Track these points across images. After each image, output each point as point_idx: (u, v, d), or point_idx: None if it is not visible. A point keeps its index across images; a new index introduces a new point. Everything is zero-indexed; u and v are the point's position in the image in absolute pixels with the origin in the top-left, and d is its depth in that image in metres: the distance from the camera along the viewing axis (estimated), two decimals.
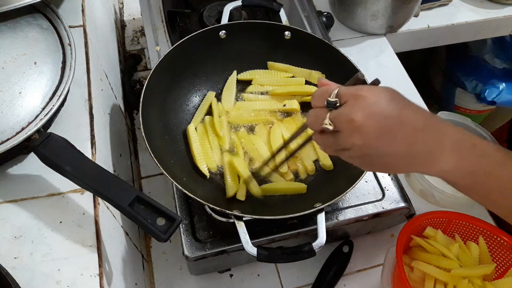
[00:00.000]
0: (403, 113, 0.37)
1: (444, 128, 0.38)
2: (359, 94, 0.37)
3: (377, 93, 0.37)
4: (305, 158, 0.66)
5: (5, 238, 0.44)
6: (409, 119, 0.37)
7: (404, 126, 0.36)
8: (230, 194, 0.61)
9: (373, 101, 0.36)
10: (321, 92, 0.40)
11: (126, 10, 1.07)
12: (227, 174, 0.63)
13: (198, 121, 0.69)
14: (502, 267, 0.63)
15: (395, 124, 0.36)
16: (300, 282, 0.69)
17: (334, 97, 0.38)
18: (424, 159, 0.38)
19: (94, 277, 0.43)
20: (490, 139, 0.76)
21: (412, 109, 0.38)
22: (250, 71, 0.74)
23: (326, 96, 0.39)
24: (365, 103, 0.36)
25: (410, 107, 0.38)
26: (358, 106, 0.36)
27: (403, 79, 0.95)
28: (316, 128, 0.40)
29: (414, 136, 0.37)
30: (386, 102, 0.37)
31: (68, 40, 0.52)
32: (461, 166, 0.38)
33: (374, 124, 0.36)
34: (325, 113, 0.39)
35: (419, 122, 0.37)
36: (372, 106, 0.36)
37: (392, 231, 0.74)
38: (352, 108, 0.37)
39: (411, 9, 0.96)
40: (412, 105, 0.38)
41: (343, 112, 0.37)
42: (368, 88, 0.37)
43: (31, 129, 0.44)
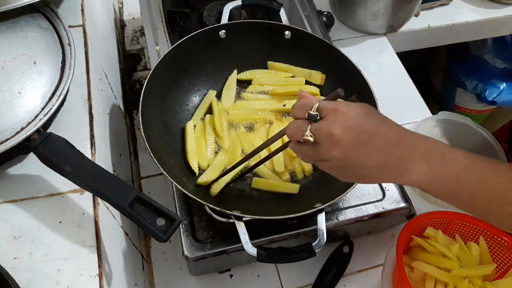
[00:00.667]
0: (378, 128, 0.40)
1: (415, 140, 0.41)
2: (338, 109, 0.40)
3: (355, 109, 0.40)
4: None
5: (4, 238, 0.44)
6: (385, 133, 0.40)
7: (380, 139, 0.40)
8: (200, 182, 0.61)
9: (351, 117, 0.39)
10: (302, 104, 0.42)
11: (125, 10, 1.07)
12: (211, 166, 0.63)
13: (198, 119, 0.69)
14: (502, 267, 0.63)
15: (371, 138, 0.39)
16: (300, 282, 0.69)
17: (315, 111, 0.41)
18: (398, 170, 0.41)
19: (94, 277, 0.43)
20: (491, 139, 0.76)
21: (387, 124, 0.41)
22: (250, 71, 0.74)
23: (307, 109, 0.41)
24: (344, 118, 0.39)
25: (385, 122, 0.41)
26: (338, 120, 0.39)
27: (403, 79, 0.95)
28: (296, 138, 0.43)
29: (389, 148, 0.40)
30: (363, 117, 0.40)
31: (67, 40, 0.52)
32: (430, 174, 0.41)
33: (352, 138, 0.39)
34: (306, 125, 0.41)
35: (393, 136, 0.40)
36: (350, 121, 0.39)
37: (392, 231, 0.74)
38: (332, 122, 0.39)
39: (411, 8, 0.96)
40: (387, 120, 0.42)
41: (323, 126, 0.40)
42: (346, 104, 0.40)
43: (30, 129, 0.44)
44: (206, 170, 0.62)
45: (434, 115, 0.82)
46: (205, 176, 0.62)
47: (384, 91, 0.70)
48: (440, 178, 0.41)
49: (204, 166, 0.64)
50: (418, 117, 0.81)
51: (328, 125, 0.39)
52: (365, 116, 0.40)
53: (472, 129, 0.79)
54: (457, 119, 0.80)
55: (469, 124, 0.79)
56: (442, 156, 0.40)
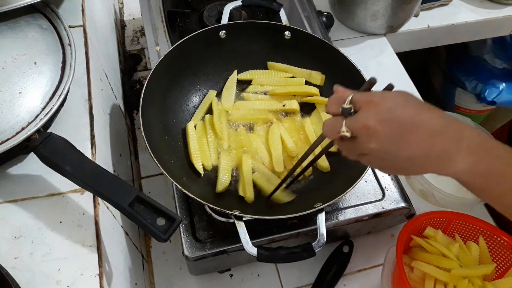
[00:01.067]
0: (417, 117, 0.37)
1: (461, 130, 0.39)
2: (372, 100, 0.38)
3: (390, 98, 0.38)
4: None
5: (5, 238, 0.44)
6: (424, 123, 0.37)
7: (419, 130, 0.37)
8: (219, 189, 0.61)
9: (386, 107, 0.37)
10: (335, 99, 0.40)
11: (126, 10, 1.07)
12: (220, 170, 0.63)
13: (198, 119, 0.69)
14: (502, 267, 0.63)
15: (410, 128, 0.37)
16: (300, 282, 0.69)
17: (348, 104, 0.39)
18: (441, 161, 0.39)
19: (94, 277, 0.43)
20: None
21: (428, 113, 0.38)
22: (250, 71, 0.74)
23: (340, 103, 0.39)
24: (378, 109, 0.37)
25: (425, 111, 0.38)
26: (372, 112, 0.37)
27: (403, 79, 0.95)
28: (333, 136, 0.41)
29: (430, 140, 0.37)
30: (400, 107, 0.37)
31: (68, 40, 0.52)
32: (477, 168, 0.38)
33: (389, 129, 0.37)
34: (341, 120, 0.39)
35: (435, 125, 0.38)
36: (385, 112, 0.37)
37: (392, 231, 0.74)
38: (366, 114, 0.38)
39: (411, 9, 0.96)
40: (427, 108, 0.39)
41: (358, 119, 0.38)
42: (381, 94, 0.38)
43: (31, 129, 0.44)
44: (219, 176, 0.62)
45: None
46: (222, 183, 0.61)
47: None
48: (485, 172, 0.39)
49: (209, 167, 0.64)
50: None
51: (363, 118, 0.38)
52: (403, 105, 0.38)
53: None
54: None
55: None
56: (491, 150, 0.38)
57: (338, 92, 0.42)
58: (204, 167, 0.64)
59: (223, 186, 0.61)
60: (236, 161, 0.65)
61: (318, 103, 0.71)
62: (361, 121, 0.38)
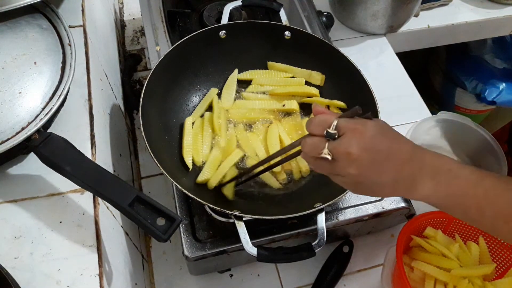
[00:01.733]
0: (392, 146, 0.41)
1: (424, 157, 0.42)
2: (356, 128, 0.40)
3: (372, 127, 0.41)
4: (300, 159, 0.66)
5: (5, 238, 0.44)
6: (397, 151, 0.41)
7: (393, 157, 0.41)
8: (199, 180, 0.61)
9: (368, 135, 0.40)
10: (320, 121, 0.42)
11: (126, 10, 1.07)
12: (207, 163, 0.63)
13: (198, 116, 0.69)
14: (502, 267, 0.63)
15: (386, 157, 0.41)
16: (300, 282, 0.69)
17: (333, 129, 0.41)
18: (408, 186, 0.42)
19: (94, 277, 0.43)
20: (490, 139, 0.76)
21: (400, 142, 0.42)
22: (250, 71, 0.74)
23: (325, 126, 0.41)
24: (362, 137, 0.40)
25: (398, 140, 0.42)
26: (356, 139, 0.40)
27: (403, 79, 0.95)
28: (314, 155, 0.43)
29: (401, 166, 0.41)
30: (380, 136, 0.41)
31: (68, 40, 0.52)
32: (438, 190, 0.42)
33: (369, 157, 0.40)
34: (324, 142, 0.42)
35: (405, 154, 0.41)
36: (367, 140, 0.40)
37: (392, 231, 0.74)
38: (350, 141, 0.40)
39: (411, 9, 0.96)
40: (400, 138, 0.43)
41: (341, 144, 0.41)
42: (364, 123, 0.41)
43: (31, 129, 0.44)
44: (204, 168, 0.63)
45: (434, 115, 0.82)
46: (204, 175, 0.62)
47: (384, 91, 0.70)
48: (447, 194, 0.42)
49: (199, 162, 0.64)
50: (418, 117, 0.81)
51: (346, 143, 0.40)
52: (381, 133, 0.41)
53: (472, 129, 0.79)
54: (456, 119, 0.80)
55: (469, 124, 0.79)
56: (449, 172, 0.41)
57: (319, 112, 0.44)
58: (195, 162, 0.64)
59: (203, 178, 0.61)
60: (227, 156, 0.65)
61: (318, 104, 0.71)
62: (344, 147, 0.40)
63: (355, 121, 0.41)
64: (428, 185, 0.42)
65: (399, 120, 0.85)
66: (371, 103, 0.63)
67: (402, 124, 0.84)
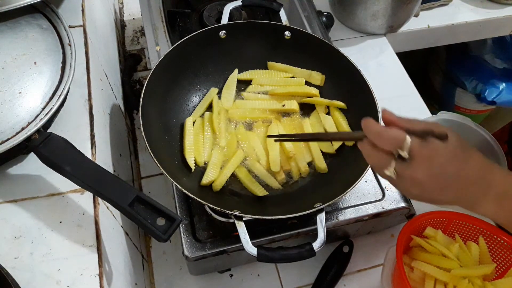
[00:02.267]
0: (461, 170, 0.40)
1: (492, 178, 0.42)
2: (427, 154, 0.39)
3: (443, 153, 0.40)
4: (300, 159, 0.66)
5: (5, 238, 0.44)
6: (465, 174, 0.41)
7: (460, 181, 0.41)
8: (203, 183, 0.61)
9: (437, 163, 0.39)
10: (391, 138, 0.40)
11: (126, 10, 1.07)
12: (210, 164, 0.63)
13: (198, 115, 0.69)
14: (502, 267, 0.63)
15: (452, 182, 0.41)
16: (300, 282, 0.69)
17: (407, 154, 0.40)
18: (469, 205, 0.43)
19: (94, 277, 0.43)
20: (490, 139, 0.76)
21: (469, 163, 0.41)
22: (250, 71, 0.74)
23: (396, 145, 0.40)
24: (430, 165, 0.40)
25: (468, 161, 0.41)
26: (424, 166, 0.40)
27: (403, 79, 0.95)
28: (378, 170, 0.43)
29: (465, 188, 0.41)
30: (449, 162, 0.40)
31: (68, 40, 0.52)
32: (500, 212, 0.43)
33: (434, 182, 0.40)
34: (391, 160, 0.41)
35: (473, 176, 0.41)
36: (435, 168, 0.40)
37: (392, 231, 0.74)
38: (417, 167, 0.40)
39: (411, 9, 0.96)
40: (470, 158, 0.41)
41: (409, 169, 0.40)
42: (436, 150, 0.39)
43: (31, 129, 0.44)
44: (207, 170, 0.62)
45: (434, 115, 0.82)
46: (208, 177, 0.62)
47: (384, 91, 0.70)
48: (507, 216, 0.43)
49: (201, 163, 0.64)
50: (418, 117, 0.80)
51: (414, 169, 0.40)
52: (451, 158, 0.40)
53: (472, 129, 0.79)
54: (457, 119, 0.80)
55: (469, 124, 0.79)
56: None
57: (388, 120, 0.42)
58: (196, 163, 0.64)
59: (208, 179, 0.61)
60: (229, 157, 0.65)
61: (318, 104, 0.71)
62: (412, 171, 0.40)
63: (426, 146, 0.39)
64: (491, 207, 0.42)
65: None
66: (371, 103, 0.63)
67: None
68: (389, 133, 0.41)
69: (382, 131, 0.41)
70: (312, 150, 0.66)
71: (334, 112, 0.69)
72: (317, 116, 0.70)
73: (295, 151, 0.66)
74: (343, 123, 0.67)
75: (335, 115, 0.69)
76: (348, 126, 0.67)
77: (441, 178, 0.40)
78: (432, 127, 0.40)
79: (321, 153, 0.66)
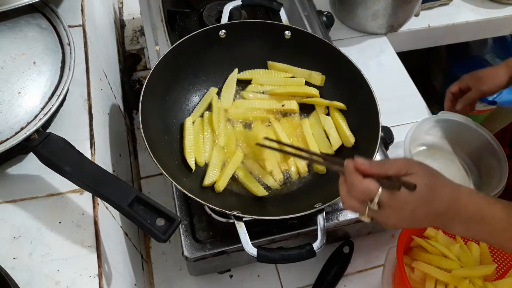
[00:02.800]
0: (430, 209, 0.43)
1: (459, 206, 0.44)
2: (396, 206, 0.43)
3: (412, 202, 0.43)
4: (298, 160, 0.66)
5: (4, 238, 0.44)
6: (434, 211, 0.44)
7: (429, 217, 0.44)
8: (206, 184, 0.61)
9: (407, 210, 0.43)
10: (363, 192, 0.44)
11: (125, 10, 1.07)
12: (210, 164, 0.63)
13: (197, 115, 0.69)
14: (503, 268, 0.63)
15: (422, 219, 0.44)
16: (300, 282, 0.69)
17: (375, 206, 0.43)
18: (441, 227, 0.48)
19: (94, 277, 0.43)
20: (491, 139, 0.76)
21: (439, 199, 0.43)
22: (250, 70, 0.74)
23: (367, 198, 0.43)
24: (400, 213, 0.43)
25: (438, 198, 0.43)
26: (394, 214, 0.43)
27: (403, 79, 0.95)
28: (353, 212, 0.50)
29: (435, 219, 0.45)
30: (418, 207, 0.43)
31: (67, 40, 0.52)
32: (468, 232, 0.48)
33: (406, 223, 0.45)
34: (364, 208, 0.44)
35: (442, 208, 0.44)
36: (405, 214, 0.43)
37: (392, 231, 0.74)
38: (388, 215, 0.44)
39: (411, 8, 0.96)
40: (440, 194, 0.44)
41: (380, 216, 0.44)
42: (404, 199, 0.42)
43: (30, 129, 0.44)
44: (208, 171, 0.62)
45: (434, 115, 0.82)
46: (210, 178, 0.61)
47: (384, 91, 0.70)
48: (475, 235, 0.48)
49: (201, 163, 0.64)
50: (418, 117, 0.81)
51: (384, 216, 0.44)
52: (420, 205, 0.43)
53: (472, 129, 0.78)
54: (457, 119, 0.79)
55: (469, 124, 0.79)
56: (481, 220, 0.44)
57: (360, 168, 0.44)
58: (197, 163, 0.63)
59: (210, 180, 0.61)
60: (229, 157, 0.65)
61: (318, 105, 0.71)
62: (383, 218, 0.44)
63: (395, 198, 0.42)
64: (459, 229, 0.45)
65: (399, 120, 0.85)
66: (371, 103, 0.63)
67: (403, 124, 0.84)
68: (362, 185, 0.43)
69: (354, 183, 0.44)
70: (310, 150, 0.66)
71: (334, 113, 0.69)
72: (317, 116, 0.70)
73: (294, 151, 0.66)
74: (342, 124, 0.67)
75: (335, 116, 0.69)
76: (348, 127, 0.67)
77: (411, 220, 0.44)
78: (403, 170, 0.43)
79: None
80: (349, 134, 0.66)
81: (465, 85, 0.78)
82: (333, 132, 0.68)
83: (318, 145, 0.67)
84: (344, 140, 0.67)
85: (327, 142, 0.68)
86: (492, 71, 0.76)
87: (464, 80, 0.79)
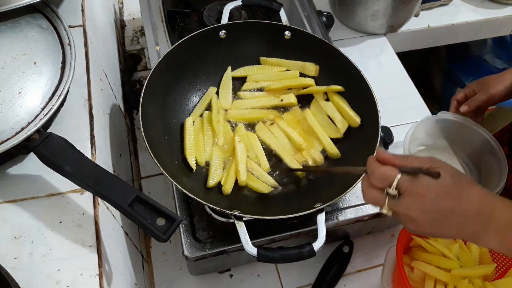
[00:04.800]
0: (457, 205, 0.40)
1: (493, 211, 0.41)
2: (417, 191, 0.40)
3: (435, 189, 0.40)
4: (313, 150, 0.66)
5: (5, 238, 0.44)
6: (462, 209, 0.40)
7: (457, 217, 0.40)
8: (210, 184, 0.61)
9: (430, 199, 0.39)
10: (382, 177, 0.41)
11: (126, 10, 1.07)
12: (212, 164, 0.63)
13: (197, 115, 0.69)
14: (502, 267, 0.63)
15: (448, 217, 0.40)
16: (300, 282, 0.69)
17: (394, 190, 0.40)
18: (470, 238, 0.43)
19: (94, 277, 0.43)
20: (491, 139, 0.76)
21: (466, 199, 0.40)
22: (244, 67, 0.73)
23: (386, 184, 0.41)
24: (422, 201, 0.40)
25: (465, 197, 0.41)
26: (415, 203, 0.40)
27: (403, 79, 0.95)
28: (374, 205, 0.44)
29: (464, 223, 0.41)
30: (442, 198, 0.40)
31: (68, 40, 0.52)
32: (503, 244, 0.42)
33: (428, 218, 0.40)
34: (384, 198, 0.41)
35: (471, 211, 0.40)
36: (428, 204, 0.40)
37: (392, 231, 0.74)
38: (410, 204, 0.40)
39: (411, 9, 0.96)
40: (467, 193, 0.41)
41: (401, 205, 0.41)
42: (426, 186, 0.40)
43: (30, 129, 0.44)
44: (210, 172, 0.62)
45: (434, 115, 0.82)
46: (213, 178, 0.61)
47: (384, 91, 0.70)
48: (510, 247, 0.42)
49: (202, 163, 0.64)
50: (418, 117, 0.81)
51: (406, 205, 0.40)
52: (445, 194, 0.40)
53: (472, 129, 0.79)
54: (457, 119, 0.79)
55: (469, 124, 0.79)
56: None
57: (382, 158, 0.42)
58: (198, 163, 0.64)
59: (214, 180, 0.61)
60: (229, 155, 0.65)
61: (316, 93, 0.70)
62: (404, 208, 0.41)
63: (417, 183, 0.40)
64: (493, 240, 0.41)
65: (399, 120, 0.85)
66: (371, 103, 0.63)
67: (402, 124, 0.84)
68: (380, 170, 0.41)
69: (374, 169, 0.42)
70: (321, 138, 0.67)
71: (333, 97, 0.69)
72: (317, 104, 0.70)
73: (305, 142, 0.66)
74: (344, 105, 0.67)
75: (335, 100, 0.68)
76: (349, 106, 0.67)
77: (434, 214, 0.40)
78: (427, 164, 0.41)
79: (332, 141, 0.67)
80: (353, 114, 0.66)
81: (471, 92, 0.76)
82: (337, 116, 0.68)
83: (325, 131, 0.67)
84: (350, 121, 0.67)
85: (334, 126, 0.68)
86: (498, 75, 0.75)
87: (470, 87, 0.76)
